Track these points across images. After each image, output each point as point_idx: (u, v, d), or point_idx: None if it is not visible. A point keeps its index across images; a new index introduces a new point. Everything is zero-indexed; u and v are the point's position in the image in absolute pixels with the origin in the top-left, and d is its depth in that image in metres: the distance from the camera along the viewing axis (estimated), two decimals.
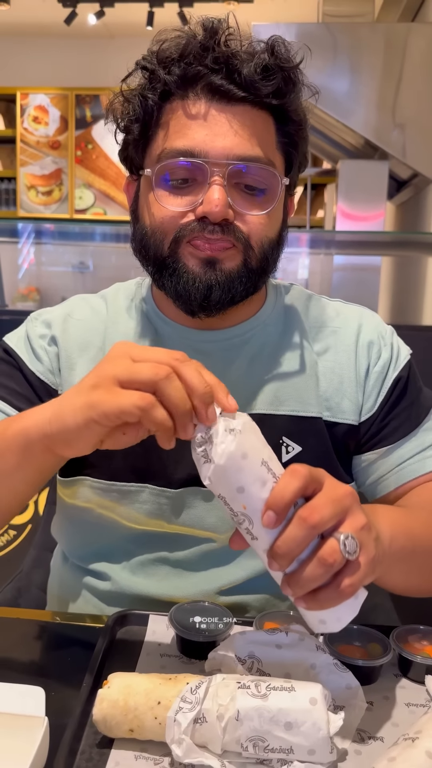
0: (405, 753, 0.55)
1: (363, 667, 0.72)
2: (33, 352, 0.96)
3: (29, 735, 0.56)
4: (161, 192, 0.85)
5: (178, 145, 0.83)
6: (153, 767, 0.60)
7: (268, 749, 0.60)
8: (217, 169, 0.82)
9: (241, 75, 0.81)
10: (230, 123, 0.83)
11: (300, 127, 0.88)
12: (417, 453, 0.92)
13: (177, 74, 0.83)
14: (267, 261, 0.88)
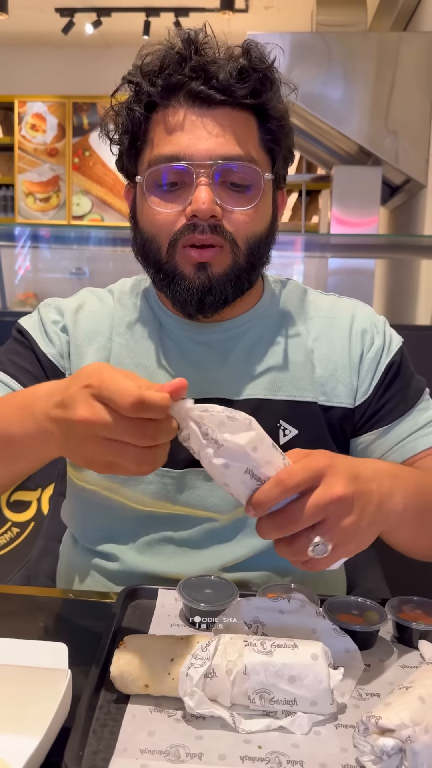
0: (399, 699, 0.60)
1: (360, 632, 0.77)
2: (46, 335, 1.01)
3: (54, 687, 0.61)
4: (154, 198, 0.91)
5: (165, 151, 0.89)
6: (167, 719, 0.65)
7: (274, 701, 0.65)
8: (203, 170, 0.87)
9: (218, 80, 0.87)
10: (211, 126, 0.88)
11: (281, 123, 0.93)
12: (414, 432, 0.98)
13: (159, 85, 0.89)
14: (254, 256, 0.92)
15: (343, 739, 0.63)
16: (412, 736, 0.56)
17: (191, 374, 0.97)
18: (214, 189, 0.88)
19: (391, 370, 1.00)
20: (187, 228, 0.89)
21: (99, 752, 0.60)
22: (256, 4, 5.32)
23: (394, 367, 1.00)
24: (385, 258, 4.22)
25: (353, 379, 0.99)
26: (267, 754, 0.61)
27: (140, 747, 0.61)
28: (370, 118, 3.74)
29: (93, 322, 1.02)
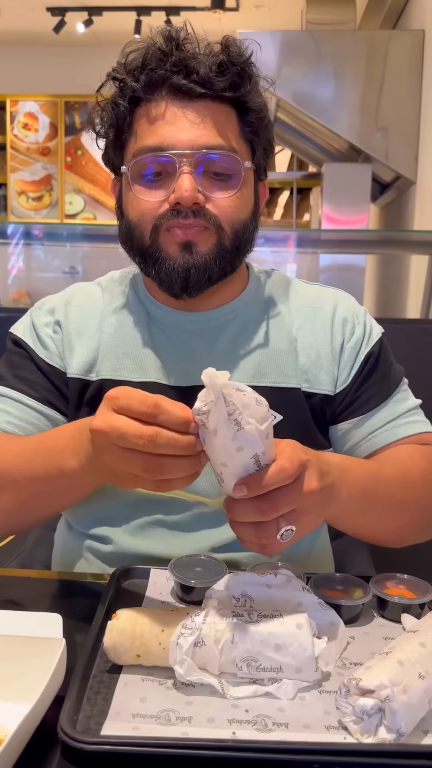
0: (379, 663, 0.63)
1: (345, 606, 0.80)
2: (40, 341, 1.04)
3: (49, 655, 0.63)
4: (138, 187, 0.94)
5: (148, 142, 0.92)
6: (158, 686, 0.68)
7: (260, 668, 0.68)
8: (185, 160, 0.90)
9: (199, 74, 0.90)
10: (193, 117, 0.92)
11: (260, 116, 0.96)
12: (388, 422, 1.01)
13: (143, 80, 0.92)
14: (240, 240, 0.95)
15: (327, 703, 0.66)
16: (390, 696, 0.59)
17: (178, 361, 1.01)
18: (197, 178, 0.91)
19: (370, 360, 1.03)
20: (171, 213, 0.91)
21: (92, 717, 0.63)
22: (247, 2, 5.35)
23: (372, 358, 1.03)
24: (375, 254, 4.26)
25: (334, 368, 1.02)
26: (254, 717, 0.64)
27: (132, 712, 0.64)
28: (360, 115, 3.78)
29: (82, 316, 1.05)
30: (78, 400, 1.02)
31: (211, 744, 0.59)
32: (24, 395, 1.01)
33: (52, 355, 1.03)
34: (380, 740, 0.60)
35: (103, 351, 1.02)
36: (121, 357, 1.02)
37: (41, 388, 1.02)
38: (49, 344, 1.03)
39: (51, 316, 1.05)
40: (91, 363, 1.02)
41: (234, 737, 0.61)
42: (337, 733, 0.62)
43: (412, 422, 1.03)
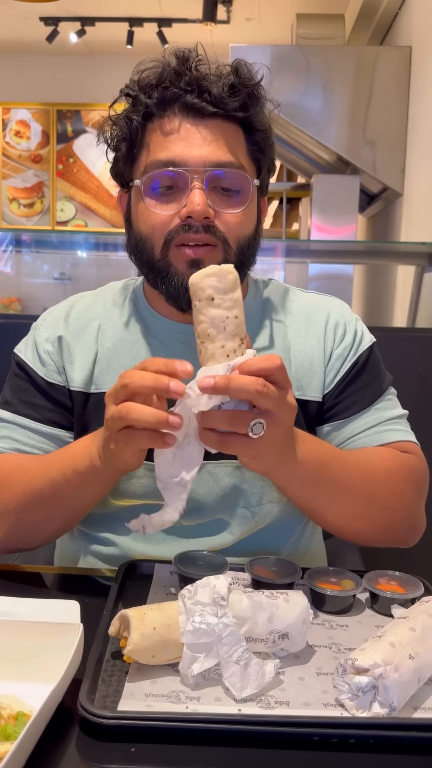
0: (373, 645, 0.69)
1: (338, 596, 0.86)
2: (39, 358, 1.07)
3: (68, 639, 0.68)
4: (149, 200, 0.97)
5: (161, 156, 0.96)
6: (169, 670, 0.73)
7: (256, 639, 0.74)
8: (197, 176, 0.94)
9: (211, 94, 0.95)
10: (204, 135, 0.96)
11: (266, 136, 1.02)
12: (368, 428, 1.05)
13: (156, 97, 0.97)
14: (244, 255, 0.99)
15: (324, 683, 0.72)
16: (383, 673, 0.65)
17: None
18: (207, 193, 0.94)
19: (356, 368, 1.06)
20: (181, 228, 0.95)
21: (108, 696, 0.68)
22: (238, 15, 5.44)
23: (358, 366, 1.06)
24: (363, 263, 4.34)
25: (323, 374, 1.06)
26: (258, 696, 0.69)
27: (145, 692, 0.69)
28: (348, 128, 3.86)
29: (81, 328, 1.08)
30: (82, 412, 1.05)
31: (219, 718, 0.65)
32: (29, 420, 1.04)
33: (49, 372, 1.05)
34: (374, 714, 0.65)
35: (101, 364, 1.05)
36: (119, 369, 1.02)
37: (43, 410, 1.05)
38: (46, 360, 1.06)
39: (51, 330, 1.08)
40: (89, 376, 1.05)
41: (240, 713, 0.66)
42: (335, 709, 0.67)
43: (393, 430, 1.05)
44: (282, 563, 0.92)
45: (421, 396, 1.73)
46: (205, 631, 0.70)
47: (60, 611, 0.72)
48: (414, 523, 1.04)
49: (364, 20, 4.45)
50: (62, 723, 0.66)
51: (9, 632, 0.70)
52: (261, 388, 0.74)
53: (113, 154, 1.03)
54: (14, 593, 0.80)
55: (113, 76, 1.05)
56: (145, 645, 0.70)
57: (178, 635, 0.71)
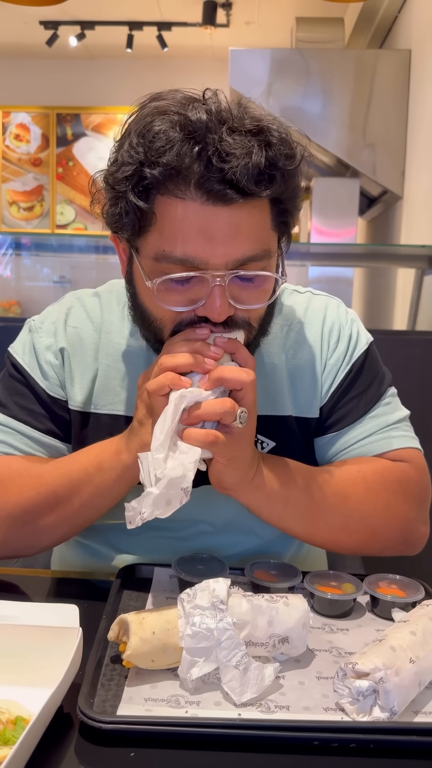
0: (373, 648, 0.69)
1: (338, 600, 0.86)
2: (40, 368, 1.00)
3: (67, 643, 0.68)
4: (162, 293, 0.84)
5: (177, 252, 0.81)
6: (168, 674, 0.72)
7: (257, 643, 0.73)
8: (219, 279, 0.81)
9: (237, 178, 0.77)
10: (228, 225, 0.80)
11: (295, 201, 0.87)
12: (361, 439, 1.01)
13: (168, 174, 0.79)
14: (263, 327, 0.92)
15: (324, 687, 0.71)
16: (384, 677, 0.65)
17: None
18: (227, 289, 0.82)
19: (349, 376, 1.01)
20: (195, 318, 0.85)
21: (107, 700, 0.68)
22: (237, 19, 5.45)
23: (352, 374, 1.02)
24: (363, 266, 4.34)
25: (319, 387, 1.02)
26: (257, 700, 0.69)
27: (144, 696, 0.69)
28: (348, 131, 3.87)
29: (78, 338, 1.01)
30: (79, 431, 1.01)
31: (219, 723, 0.64)
32: (28, 427, 0.99)
33: (52, 386, 1.00)
34: (375, 719, 0.65)
35: (99, 383, 1.00)
36: (119, 390, 1.00)
37: (44, 419, 1.00)
38: (49, 373, 1.00)
39: (52, 338, 1.01)
40: (89, 396, 1.00)
41: (240, 717, 0.66)
42: (335, 713, 0.67)
43: (388, 438, 1.01)
44: (282, 567, 0.92)
45: (422, 399, 1.72)
46: (204, 635, 0.69)
47: (59, 615, 0.72)
48: (408, 534, 1.00)
49: (364, 24, 4.46)
50: (61, 727, 0.65)
51: (7, 636, 0.70)
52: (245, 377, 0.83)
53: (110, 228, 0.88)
54: (13, 597, 0.80)
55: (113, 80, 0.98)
56: (144, 649, 0.70)
57: (178, 639, 0.70)
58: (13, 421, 0.99)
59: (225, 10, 5.19)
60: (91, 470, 0.93)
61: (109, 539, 1.04)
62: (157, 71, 5.74)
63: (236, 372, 0.82)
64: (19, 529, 0.95)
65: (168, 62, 5.90)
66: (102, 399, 1.01)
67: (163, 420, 0.78)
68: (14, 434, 0.99)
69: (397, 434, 1.02)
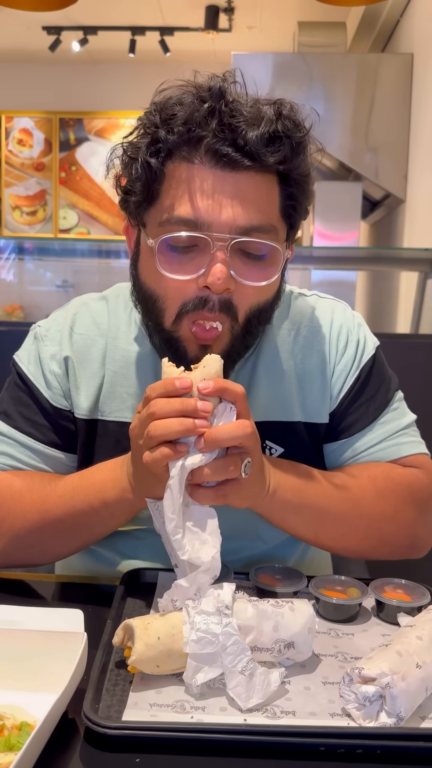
0: (380, 654, 0.68)
1: (344, 605, 0.85)
2: (44, 377, 0.99)
3: (72, 648, 0.68)
4: (164, 260, 0.84)
5: (182, 213, 0.83)
6: (174, 680, 0.72)
7: (262, 648, 0.73)
8: (221, 243, 0.82)
9: (247, 143, 0.80)
10: (234, 192, 0.82)
11: (304, 188, 0.88)
12: (372, 446, 1.00)
13: (182, 137, 0.82)
14: (252, 324, 0.89)
15: (331, 693, 0.71)
16: (390, 683, 0.64)
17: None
18: (229, 260, 0.82)
19: (358, 382, 1.01)
20: (198, 302, 0.85)
21: (112, 706, 0.68)
22: (240, 24, 5.46)
23: (360, 380, 1.01)
24: (366, 270, 4.35)
25: (329, 393, 1.01)
26: (263, 705, 0.68)
27: (149, 702, 0.68)
28: (350, 135, 3.87)
29: (85, 348, 1.00)
30: (86, 439, 1.00)
31: (225, 728, 0.64)
32: (30, 438, 0.98)
33: (55, 396, 0.99)
34: (381, 724, 0.64)
35: (106, 390, 0.99)
36: (126, 397, 0.99)
37: (46, 430, 0.99)
38: (52, 382, 0.99)
39: (57, 347, 1.00)
40: (95, 403, 0.99)
41: (245, 723, 0.65)
42: (341, 719, 0.67)
43: (398, 444, 1.00)
44: (287, 571, 0.92)
45: (425, 402, 1.72)
46: (209, 640, 0.69)
47: (63, 620, 0.72)
48: (415, 539, 1.00)
49: (366, 28, 4.47)
50: (66, 733, 0.65)
51: (12, 641, 0.70)
52: (249, 430, 0.77)
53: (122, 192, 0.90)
54: (17, 602, 0.80)
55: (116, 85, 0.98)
56: (149, 655, 0.69)
57: (183, 645, 0.70)
58: (17, 433, 0.99)
59: (227, 14, 5.21)
60: (95, 504, 0.91)
61: (114, 544, 1.04)
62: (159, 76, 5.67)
63: (231, 431, 0.76)
64: (24, 550, 0.97)
65: (170, 67, 5.90)
66: (109, 406, 0.99)
67: (171, 497, 0.75)
68: (17, 446, 0.99)
69: (406, 440, 1.02)
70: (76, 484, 0.94)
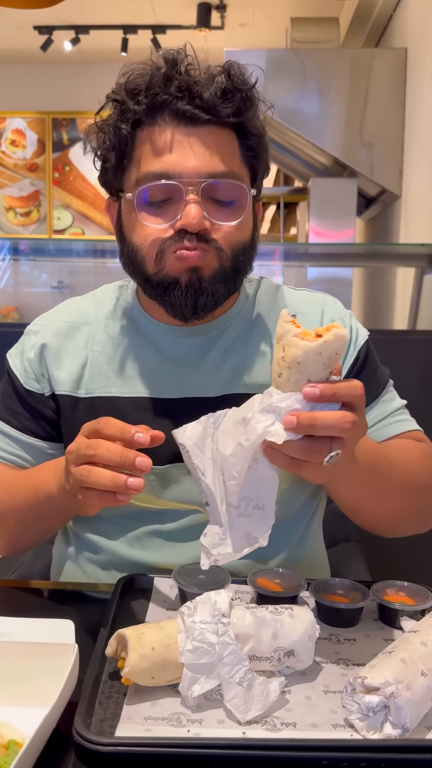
0: (383, 661, 0.65)
1: (345, 609, 0.83)
2: (23, 365, 1.06)
3: (62, 660, 0.65)
4: (143, 213, 0.94)
5: (154, 168, 0.92)
6: (169, 691, 0.69)
7: (261, 657, 0.70)
8: (192, 188, 0.91)
9: (203, 99, 0.91)
10: (197, 144, 0.92)
11: (260, 140, 0.98)
12: (378, 421, 1.04)
13: (145, 104, 0.92)
14: (240, 261, 0.96)
15: (333, 702, 0.68)
16: (395, 692, 0.62)
17: (171, 376, 1.02)
18: (202, 205, 0.91)
19: (357, 363, 1.05)
20: (177, 237, 0.92)
21: (105, 720, 0.65)
22: (232, 21, 5.44)
23: (359, 362, 1.06)
24: (362, 266, 4.32)
25: None
26: (262, 717, 0.66)
27: (144, 715, 0.66)
28: (344, 131, 3.84)
29: (70, 332, 1.06)
30: (71, 416, 1.04)
31: (223, 743, 0.61)
32: (8, 426, 1.05)
33: (28, 379, 1.05)
34: (386, 736, 0.62)
35: (91, 368, 1.04)
36: (110, 374, 1.03)
37: (22, 417, 1.05)
38: (26, 367, 1.06)
39: (39, 337, 1.07)
40: (77, 379, 1.04)
41: (244, 737, 0.63)
42: (344, 730, 0.64)
43: (401, 420, 1.06)
44: (286, 575, 0.89)
45: (423, 399, 1.69)
46: (205, 650, 0.66)
47: (53, 631, 0.69)
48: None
49: (359, 23, 4.44)
50: (57, 750, 0.62)
51: (0, 654, 0.67)
52: (348, 426, 0.68)
53: (101, 162, 0.99)
54: (7, 611, 0.77)
55: (108, 84, 0.98)
56: (143, 666, 0.67)
57: (178, 655, 0.67)
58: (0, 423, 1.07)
59: (219, 12, 5.18)
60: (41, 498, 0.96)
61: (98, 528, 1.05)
62: None
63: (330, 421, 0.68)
64: None
65: None
66: (94, 383, 1.04)
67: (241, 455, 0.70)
68: None
69: (406, 417, 1.08)
70: (20, 480, 1.01)
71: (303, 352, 0.67)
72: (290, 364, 0.68)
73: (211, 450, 0.78)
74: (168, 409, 1.01)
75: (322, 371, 0.68)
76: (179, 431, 0.80)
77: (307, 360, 0.67)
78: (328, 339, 0.67)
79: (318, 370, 0.68)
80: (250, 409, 0.72)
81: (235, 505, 0.73)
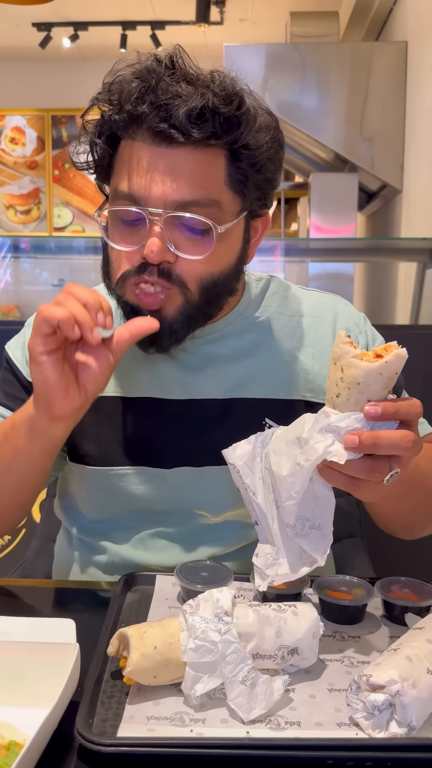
0: (388, 659, 0.65)
1: (349, 606, 0.82)
2: (23, 355, 1.05)
3: (63, 659, 0.64)
4: (115, 230, 0.90)
5: (124, 188, 0.87)
6: (172, 690, 0.68)
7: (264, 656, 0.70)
8: (155, 218, 0.84)
9: (178, 120, 0.82)
10: (170, 167, 0.84)
11: (253, 159, 0.88)
12: None
13: (123, 117, 0.86)
14: (209, 294, 0.90)
15: (337, 701, 0.67)
16: (401, 690, 0.61)
17: (176, 378, 1.00)
18: (167, 234, 0.85)
19: None
20: (140, 268, 0.87)
21: (107, 720, 0.64)
22: (231, 16, 5.41)
23: None
24: (363, 261, 4.31)
25: None
26: (266, 716, 0.65)
27: (146, 714, 0.65)
28: (345, 126, 3.83)
29: None
30: None
31: (227, 743, 0.60)
32: (8, 410, 1.03)
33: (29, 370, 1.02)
34: (392, 734, 0.61)
35: None
36: (113, 375, 0.99)
37: (20, 403, 0.99)
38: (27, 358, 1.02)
39: None
40: None
41: (248, 736, 0.62)
42: (349, 729, 0.63)
43: (420, 424, 1.02)
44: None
45: (426, 394, 1.68)
46: (207, 648, 0.66)
47: (55, 630, 0.68)
48: None
49: (359, 16, 4.42)
50: (59, 751, 0.61)
51: (0, 654, 0.66)
52: (410, 444, 0.68)
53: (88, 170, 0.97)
54: (8, 610, 0.76)
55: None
56: (145, 665, 0.66)
57: (180, 654, 0.67)
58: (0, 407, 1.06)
59: (218, 7, 5.16)
60: (8, 431, 0.93)
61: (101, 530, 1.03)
62: None
63: (393, 440, 0.69)
64: None
65: None
66: None
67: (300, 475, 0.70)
68: None
69: (423, 420, 1.05)
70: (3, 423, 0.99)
71: (364, 373, 0.68)
72: (350, 384, 0.69)
73: (260, 469, 0.78)
74: (173, 410, 0.99)
75: (382, 391, 0.69)
76: (229, 451, 0.79)
77: (367, 380, 0.68)
78: (390, 359, 0.68)
79: (378, 389, 0.69)
80: (303, 428, 0.72)
81: (291, 525, 0.74)
